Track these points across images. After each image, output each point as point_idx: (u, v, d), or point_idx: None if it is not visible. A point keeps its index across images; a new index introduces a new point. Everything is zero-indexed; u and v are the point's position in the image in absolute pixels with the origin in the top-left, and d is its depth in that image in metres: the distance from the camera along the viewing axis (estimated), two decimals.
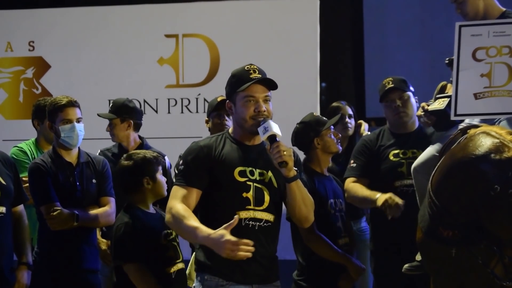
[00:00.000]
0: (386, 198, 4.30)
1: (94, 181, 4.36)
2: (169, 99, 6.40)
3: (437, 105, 4.15)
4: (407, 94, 4.68)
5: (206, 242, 3.22)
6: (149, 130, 5.33)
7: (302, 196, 3.46)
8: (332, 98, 6.23)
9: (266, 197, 3.42)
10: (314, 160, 4.49)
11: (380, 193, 4.40)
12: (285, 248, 3.99)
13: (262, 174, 3.45)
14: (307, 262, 4.33)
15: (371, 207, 4.66)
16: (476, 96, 3.77)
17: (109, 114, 5.04)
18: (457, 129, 3.89)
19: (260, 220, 3.40)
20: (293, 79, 6.07)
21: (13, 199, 4.22)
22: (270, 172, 3.46)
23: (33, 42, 6.50)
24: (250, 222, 3.38)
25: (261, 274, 3.43)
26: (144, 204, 3.99)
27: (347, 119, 5.56)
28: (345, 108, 5.62)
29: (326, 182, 4.48)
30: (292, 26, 6.29)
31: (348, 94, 7.83)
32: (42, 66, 6.51)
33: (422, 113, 4.23)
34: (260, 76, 3.44)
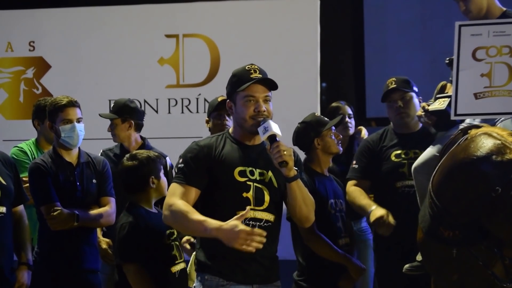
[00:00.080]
0: (380, 216, 4.33)
1: (94, 181, 4.37)
2: (169, 99, 6.40)
3: (437, 105, 4.14)
4: (410, 95, 4.68)
5: (217, 233, 3.20)
6: (149, 130, 5.33)
7: (302, 195, 3.45)
8: (332, 98, 6.21)
9: (266, 197, 3.42)
10: (314, 160, 4.49)
11: (375, 205, 4.44)
12: (285, 248, 3.98)
13: (262, 174, 3.44)
14: (307, 263, 4.33)
15: None
16: (476, 96, 3.77)
17: (110, 114, 5.05)
18: (457, 129, 3.89)
19: (260, 220, 3.39)
20: (293, 79, 6.07)
21: (13, 199, 4.22)
22: (270, 172, 3.45)
23: (33, 42, 6.51)
24: (250, 222, 3.36)
25: (261, 274, 3.42)
26: (148, 203, 4.00)
27: (347, 119, 5.56)
28: (344, 108, 5.62)
29: (327, 182, 4.47)
30: (292, 26, 6.29)
31: (348, 94, 7.81)
32: (42, 66, 6.51)
33: (423, 113, 4.24)
34: (260, 76, 3.44)
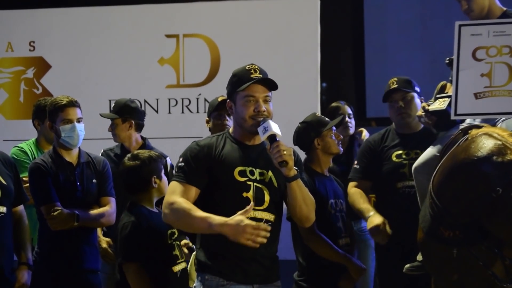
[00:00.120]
0: (376, 224, 4.36)
1: (94, 181, 4.37)
2: (169, 99, 6.40)
3: (437, 105, 4.14)
4: (411, 95, 4.68)
5: (222, 229, 3.20)
6: (149, 130, 5.33)
7: (302, 195, 3.45)
8: (332, 98, 6.21)
9: (266, 197, 3.41)
10: (314, 160, 4.49)
11: (373, 211, 4.47)
12: (285, 248, 3.98)
13: (262, 174, 3.44)
14: (307, 263, 4.33)
15: (373, 207, 4.68)
16: (476, 96, 3.76)
17: (111, 114, 5.05)
18: (458, 129, 3.89)
19: (260, 220, 3.37)
20: (293, 79, 6.07)
21: (13, 199, 4.22)
22: (270, 171, 3.45)
23: (33, 42, 6.50)
24: None
25: (261, 274, 3.42)
26: (149, 203, 4.01)
27: (347, 119, 5.55)
28: (344, 108, 5.61)
29: (327, 182, 4.47)
30: (292, 26, 6.29)
31: (348, 94, 7.81)
32: (42, 66, 6.51)
33: (423, 113, 4.23)
34: (260, 76, 3.44)
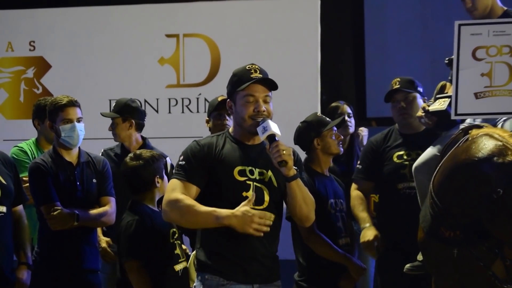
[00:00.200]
0: (369, 240, 4.47)
1: (94, 180, 4.36)
2: (169, 99, 6.40)
3: (437, 105, 4.14)
4: (413, 95, 4.68)
5: (230, 220, 3.24)
6: (149, 130, 5.33)
7: (302, 195, 3.44)
8: (332, 98, 6.20)
9: (266, 196, 3.41)
10: (314, 160, 4.48)
11: (369, 223, 4.54)
12: (285, 248, 3.98)
13: (262, 174, 3.44)
14: (307, 263, 4.32)
15: (374, 208, 4.68)
16: (476, 95, 3.76)
17: (111, 113, 5.05)
18: (458, 129, 3.89)
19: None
20: (293, 79, 6.07)
21: (13, 199, 4.22)
22: (270, 171, 3.44)
23: (33, 42, 6.51)
24: None
25: (262, 273, 3.42)
26: (152, 202, 4.04)
27: (347, 118, 5.55)
28: (344, 107, 5.60)
29: (327, 182, 4.47)
30: (293, 26, 6.29)
31: (348, 94, 7.78)
32: (42, 66, 6.51)
33: (423, 113, 4.23)
34: (260, 76, 3.44)
